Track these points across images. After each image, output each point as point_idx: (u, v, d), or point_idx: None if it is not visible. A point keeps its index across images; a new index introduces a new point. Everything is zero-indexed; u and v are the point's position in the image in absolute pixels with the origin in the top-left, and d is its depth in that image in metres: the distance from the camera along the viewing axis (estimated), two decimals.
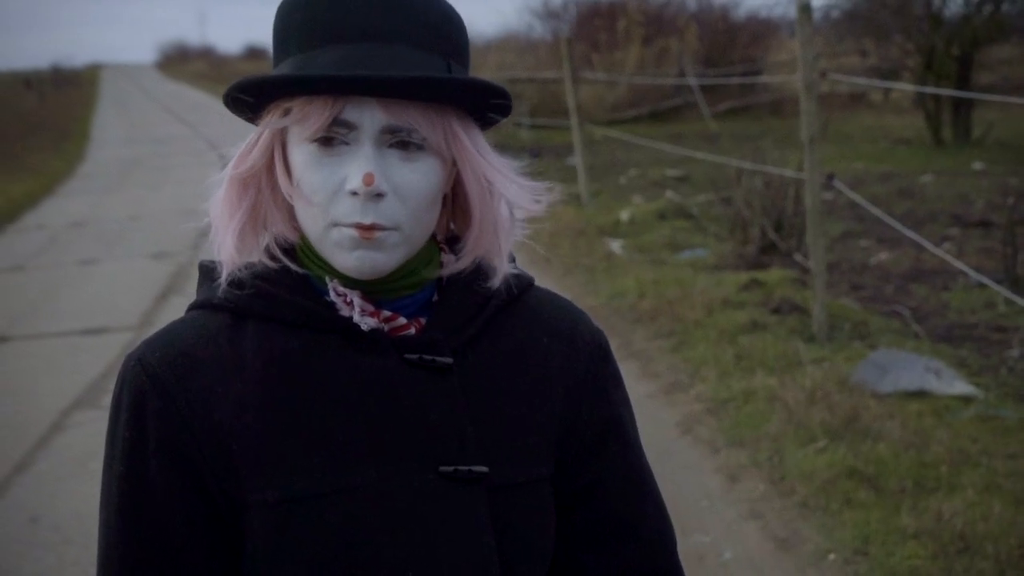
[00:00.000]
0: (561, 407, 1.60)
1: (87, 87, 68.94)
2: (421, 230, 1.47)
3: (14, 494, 6.12)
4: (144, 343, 1.57)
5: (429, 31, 1.45)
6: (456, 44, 1.49)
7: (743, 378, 6.62)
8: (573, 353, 1.63)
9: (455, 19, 1.49)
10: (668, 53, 26.67)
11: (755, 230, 10.27)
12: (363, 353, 1.50)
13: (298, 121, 1.44)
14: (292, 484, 1.46)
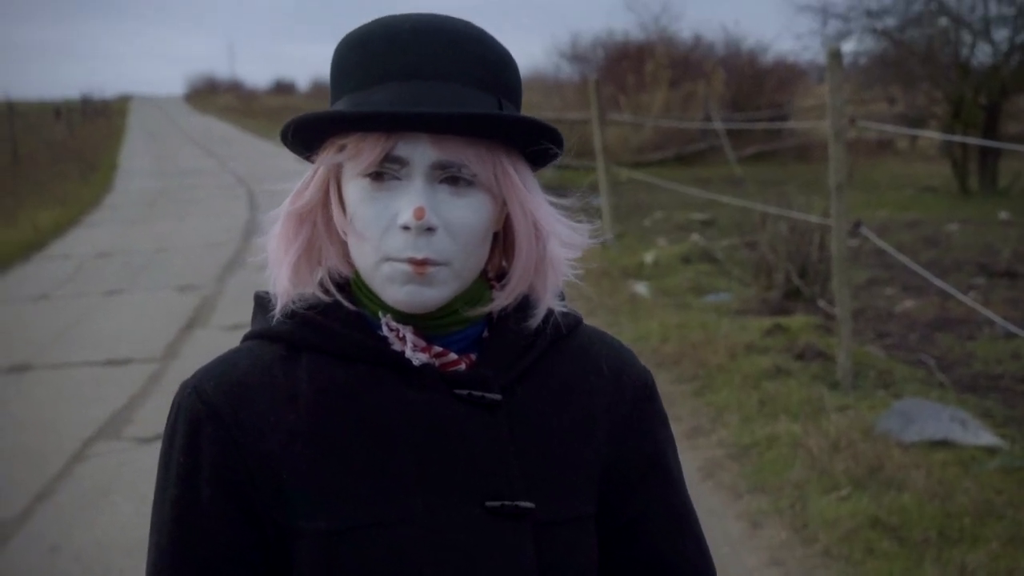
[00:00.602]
0: (605, 445, 1.62)
1: (116, 118, 69.36)
2: (471, 266, 1.50)
3: (35, 523, 6.13)
4: (200, 371, 1.61)
5: (481, 70, 1.48)
6: (508, 84, 1.52)
7: (766, 424, 6.60)
8: (618, 391, 1.65)
9: (508, 60, 1.53)
10: (695, 97, 26.74)
11: (779, 275, 10.25)
12: (414, 387, 1.52)
13: (352, 157, 1.48)
14: (340, 514, 1.49)
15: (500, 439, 1.53)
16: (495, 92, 1.49)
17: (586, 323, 1.71)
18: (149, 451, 7.17)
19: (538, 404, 1.59)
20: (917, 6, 20.40)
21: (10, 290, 13.61)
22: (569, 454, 1.59)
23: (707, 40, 31.07)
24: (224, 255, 15.13)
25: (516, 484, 1.52)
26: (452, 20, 1.51)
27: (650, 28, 31.01)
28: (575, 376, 1.63)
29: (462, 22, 1.51)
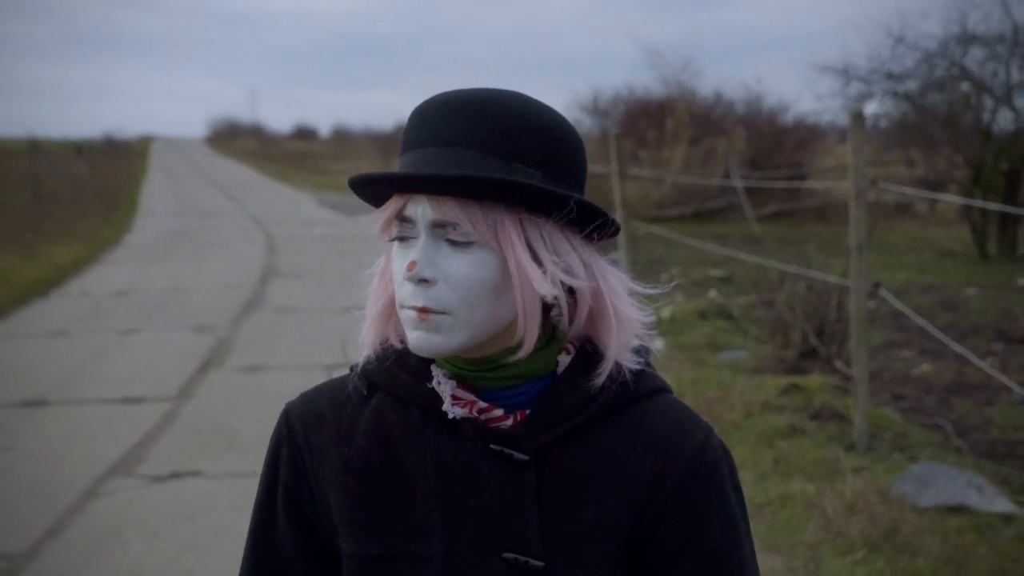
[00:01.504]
0: (642, 517, 1.62)
1: (137, 158, 69.76)
2: (480, 317, 1.55)
3: (44, 559, 6.11)
4: (301, 394, 1.82)
5: (492, 135, 1.53)
6: (525, 148, 1.55)
7: (781, 483, 6.56)
8: (668, 466, 1.63)
9: (530, 126, 1.56)
10: (714, 154, 26.76)
11: (796, 334, 10.23)
12: (455, 438, 1.63)
13: (377, 217, 1.62)
14: (370, 543, 1.65)
15: (524, 496, 1.59)
16: (504, 156, 1.54)
17: (671, 395, 1.72)
18: (161, 490, 7.17)
19: (576, 467, 1.62)
20: (939, 71, 20.45)
21: (28, 325, 13.64)
22: (596, 522, 1.61)
23: (728, 98, 31.14)
24: (241, 297, 15.17)
25: (533, 541, 1.59)
26: (485, 92, 1.57)
27: (671, 84, 31.11)
28: (623, 444, 1.64)
29: (494, 93, 1.57)
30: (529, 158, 1.55)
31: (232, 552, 6.02)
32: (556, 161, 1.57)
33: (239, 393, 9.68)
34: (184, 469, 7.60)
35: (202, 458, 7.83)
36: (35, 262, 19.40)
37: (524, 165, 1.54)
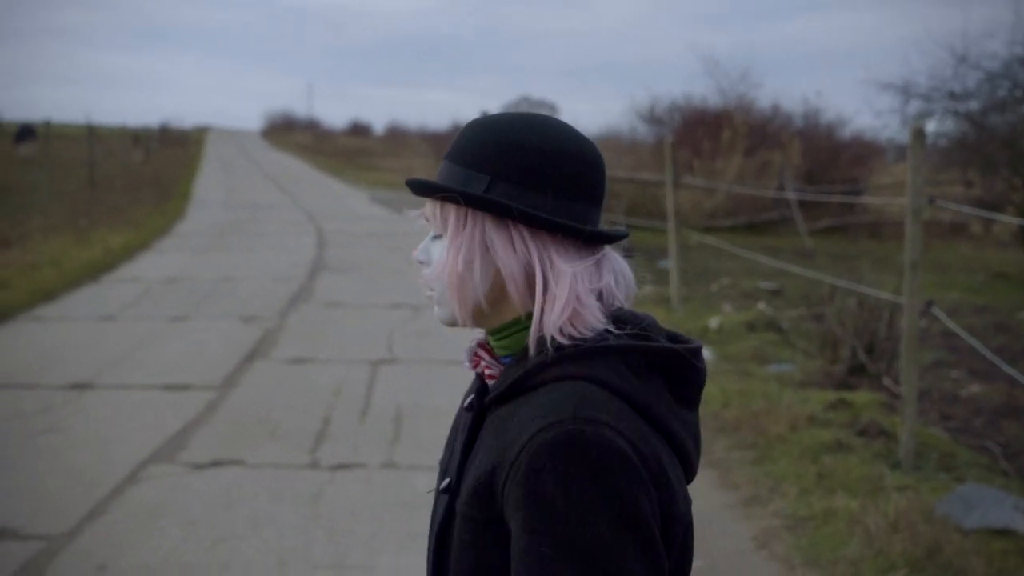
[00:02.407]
0: (493, 490, 1.71)
1: (193, 148, 70.18)
2: (450, 296, 1.82)
3: (83, 541, 6.12)
4: None
5: (464, 149, 1.82)
6: (483, 158, 1.79)
7: (824, 498, 6.49)
8: (507, 453, 1.69)
9: (497, 141, 1.79)
10: (769, 166, 26.61)
11: (845, 350, 10.13)
12: (471, 391, 1.97)
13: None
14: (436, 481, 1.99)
15: (464, 438, 1.87)
16: (465, 165, 1.80)
17: (582, 383, 1.69)
18: (201, 477, 7.18)
19: (492, 425, 1.79)
20: (1001, 91, 20.28)
21: (78, 309, 13.72)
22: (476, 473, 1.75)
23: (785, 110, 30.96)
24: (289, 289, 15.21)
25: (453, 472, 1.86)
26: (502, 116, 1.84)
27: (729, 95, 30.99)
28: (514, 417, 1.74)
29: (499, 116, 1.83)
30: (483, 166, 1.78)
31: (269, 542, 6.02)
32: (509, 167, 1.76)
33: (283, 384, 9.69)
34: (225, 458, 7.61)
35: (243, 447, 7.84)
36: (88, 247, 19.55)
37: (477, 171, 1.78)
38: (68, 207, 26.41)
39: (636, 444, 1.62)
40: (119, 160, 44.92)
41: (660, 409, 1.70)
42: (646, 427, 1.67)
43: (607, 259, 1.80)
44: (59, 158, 37.03)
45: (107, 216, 25.05)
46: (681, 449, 1.74)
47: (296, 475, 7.26)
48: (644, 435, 1.65)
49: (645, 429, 1.66)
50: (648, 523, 1.60)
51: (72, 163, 37.70)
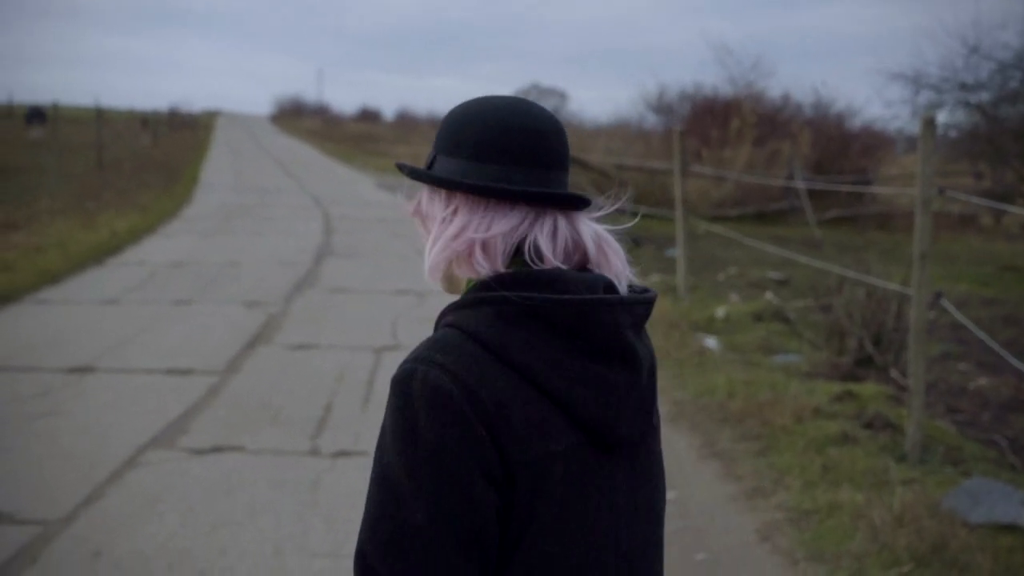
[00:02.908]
0: None
1: (202, 132, 70.13)
2: (428, 261, 1.91)
3: (79, 527, 6.06)
4: None
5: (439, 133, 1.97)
6: (438, 138, 1.97)
7: (828, 490, 6.41)
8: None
9: (455, 123, 1.94)
10: (779, 156, 26.49)
11: (852, 341, 10.05)
12: None
13: None
14: None
15: None
16: (434, 147, 1.96)
17: (452, 330, 1.83)
18: (201, 463, 7.12)
19: None
20: (1013, 82, 20.14)
21: (82, 292, 13.66)
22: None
23: (795, 100, 30.83)
24: (295, 275, 15.14)
25: None
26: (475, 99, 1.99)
27: (739, 83, 30.85)
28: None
29: (475, 101, 1.96)
30: (434, 144, 1.97)
31: (266, 530, 5.96)
32: (441, 140, 1.95)
33: (286, 370, 9.63)
34: (225, 443, 7.55)
35: (244, 433, 7.78)
36: (94, 230, 19.50)
37: (433, 151, 1.96)
38: (75, 190, 26.38)
39: (471, 386, 1.72)
40: (127, 143, 44.87)
41: (526, 356, 1.74)
42: (501, 372, 1.74)
43: (543, 220, 1.86)
44: (67, 141, 37.05)
45: (114, 199, 25.00)
46: (561, 397, 1.76)
47: (296, 462, 7.19)
48: (489, 379, 1.73)
49: (496, 374, 1.74)
50: (445, 459, 1.71)
51: (80, 146, 37.67)
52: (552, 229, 1.86)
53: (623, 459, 1.87)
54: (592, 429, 1.79)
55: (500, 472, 1.73)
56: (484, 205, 1.85)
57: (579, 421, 1.78)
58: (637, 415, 1.85)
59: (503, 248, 1.84)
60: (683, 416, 8.33)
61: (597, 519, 1.83)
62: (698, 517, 6.31)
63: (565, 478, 1.78)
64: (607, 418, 1.80)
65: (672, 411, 8.50)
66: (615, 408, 1.81)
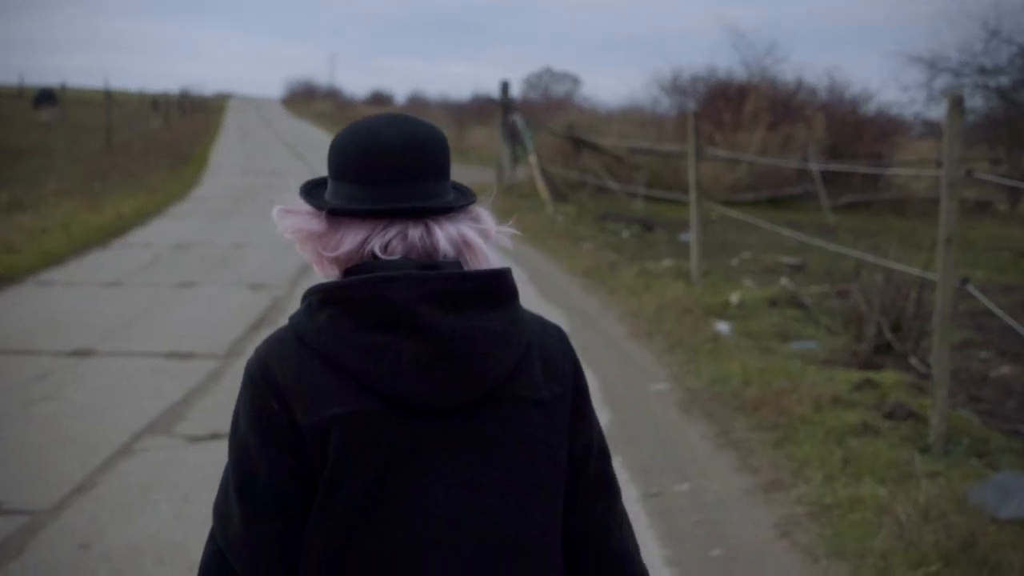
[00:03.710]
0: None
1: (213, 115, 69.91)
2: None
3: (69, 517, 5.83)
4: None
5: None
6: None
7: (850, 484, 6.13)
8: None
9: (330, 147, 2.21)
10: (792, 140, 26.18)
11: (871, 328, 9.77)
12: None
13: None
14: None
15: None
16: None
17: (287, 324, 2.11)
18: (197, 451, 6.89)
19: None
20: None
21: (85, 274, 13.46)
22: None
23: (810, 84, 30.47)
24: (301, 258, 14.79)
25: None
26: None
27: (753, 67, 30.52)
28: None
29: (350, 125, 2.20)
30: None
31: None
32: (328, 163, 2.18)
33: None
34: (224, 431, 7.24)
35: None
36: (99, 211, 19.29)
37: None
38: (84, 172, 26.17)
39: (270, 366, 2.00)
40: (137, 126, 44.63)
41: (321, 336, 1.96)
42: (300, 353, 1.98)
43: (389, 229, 2.04)
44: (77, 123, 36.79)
45: (122, 181, 24.80)
46: (350, 368, 1.95)
47: None
48: (288, 359, 1.98)
49: (294, 355, 1.98)
50: (243, 428, 2.01)
51: (90, 128, 37.40)
52: (399, 235, 2.03)
53: (453, 427, 1.98)
54: (387, 396, 1.94)
55: (292, 437, 1.95)
56: (339, 222, 2.07)
57: (370, 389, 1.94)
58: (451, 384, 1.95)
59: (355, 259, 2.06)
60: (697, 404, 8.06)
61: (407, 481, 1.96)
62: (713, 511, 6.05)
63: (359, 439, 1.94)
64: (399, 386, 1.94)
65: (685, 399, 8.23)
66: (410, 376, 1.93)
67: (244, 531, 1.99)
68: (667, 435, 7.46)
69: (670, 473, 6.65)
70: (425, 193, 2.05)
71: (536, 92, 62.74)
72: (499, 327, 2.00)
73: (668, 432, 7.53)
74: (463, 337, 1.95)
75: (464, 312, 1.97)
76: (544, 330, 2.14)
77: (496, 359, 1.99)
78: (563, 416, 2.09)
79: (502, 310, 2.02)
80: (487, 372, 1.98)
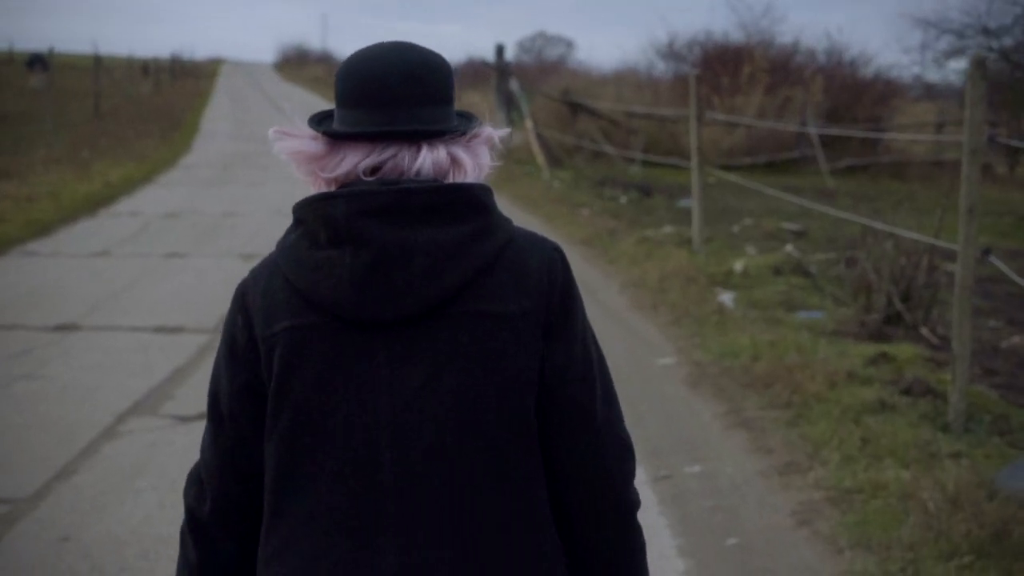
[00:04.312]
0: None
1: (205, 80, 69.32)
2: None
3: (48, 507, 5.52)
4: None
5: None
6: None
7: (870, 467, 5.81)
8: None
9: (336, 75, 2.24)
10: (791, 103, 25.84)
11: (880, 297, 9.47)
12: None
13: None
14: None
15: None
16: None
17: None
18: (186, 432, 6.59)
19: None
20: None
21: (72, 244, 13.14)
22: None
23: (808, 46, 30.10)
24: None
25: None
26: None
27: (751, 29, 30.12)
28: None
29: (350, 55, 2.24)
30: None
31: None
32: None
33: None
34: None
35: None
36: (88, 179, 18.94)
37: None
38: (72, 139, 25.77)
39: (248, 286, 2.11)
40: (127, 91, 44.15)
41: (282, 255, 2.05)
42: (270, 272, 2.07)
43: (385, 150, 2.07)
44: (66, 89, 36.34)
45: (111, 148, 24.42)
46: (299, 284, 2.01)
47: None
48: (261, 278, 2.09)
49: (267, 273, 2.08)
50: (224, 340, 2.14)
51: (79, 94, 36.94)
52: (392, 158, 2.06)
53: (398, 341, 2.00)
54: (328, 309, 1.99)
55: (250, 352, 2.05)
56: (338, 145, 2.10)
57: (315, 303, 2.00)
58: (388, 297, 1.97)
59: (352, 176, 2.07)
60: (705, 380, 7.75)
61: (349, 395, 2.00)
62: (728, 496, 5.74)
63: (300, 351, 2.00)
64: (338, 298, 1.98)
65: (693, 373, 7.92)
66: (348, 289, 1.97)
67: (208, 439, 2.14)
68: (675, 413, 7.14)
69: (680, 454, 6.35)
70: (423, 118, 2.07)
71: (530, 56, 62.32)
72: (450, 240, 1.99)
73: (676, 410, 7.21)
74: (402, 250, 1.97)
75: (409, 226, 1.98)
76: (532, 245, 2.10)
77: (440, 272, 1.98)
78: (532, 332, 2.04)
79: (459, 224, 2.01)
80: (428, 285, 1.97)
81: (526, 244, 2.09)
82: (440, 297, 1.98)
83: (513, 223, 2.11)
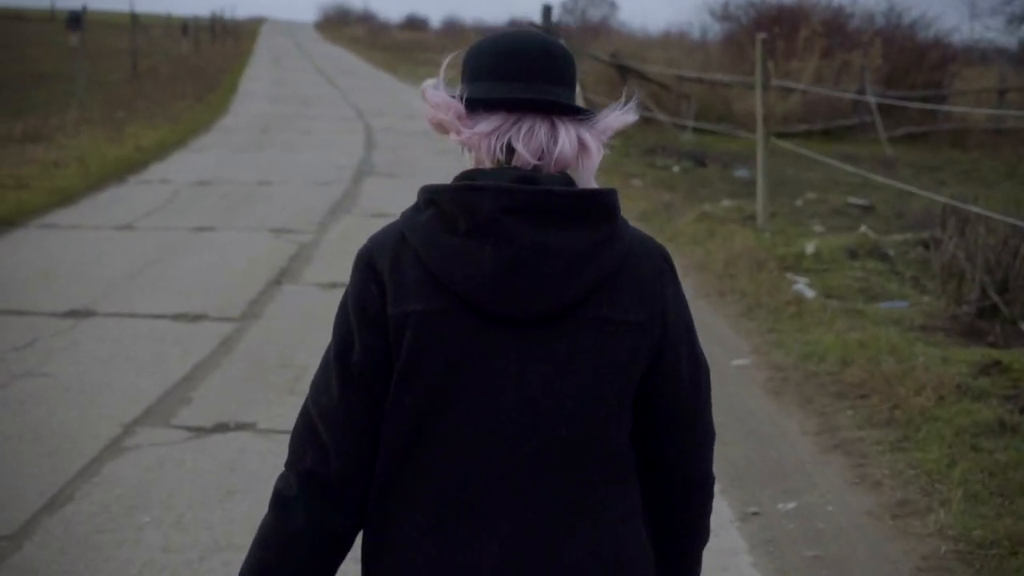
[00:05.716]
0: None
1: (245, 39, 68.64)
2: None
3: (32, 547, 4.67)
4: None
5: None
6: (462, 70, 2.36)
7: (1003, 510, 4.88)
8: None
9: (465, 56, 2.28)
10: (849, 68, 24.85)
11: (972, 287, 8.55)
12: None
13: None
14: None
15: None
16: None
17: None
18: (199, 448, 5.79)
19: None
20: None
21: (96, 215, 12.36)
22: None
23: (867, 8, 29.09)
24: (331, 197, 13.72)
25: None
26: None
27: None
28: None
29: (482, 39, 2.30)
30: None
31: None
32: (462, 69, 2.23)
33: (313, 315, 8.11)
34: (232, 420, 6.14)
35: (257, 403, 6.41)
36: (120, 143, 18.17)
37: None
38: (107, 99, 25.03)
39: (374, 254, 2.10)
40: (166, 50, 43.43)
41: (416, 235, 2.06)
42: (400, 247, 2.08)
43: (521, 124, 2.09)
44: (103, 47, 35.71)
45: (147, 109, 23.68)
46: (433, 268, 2.03)
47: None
48: (389, 250, 2.09)
49: (394, 247, 2.08)
50: (348, 307, 2.12)
51: (116, 52, 36.23)
52: (529, 131, 2.09)
53: (527, 339, 2.03)
54: (462, 298, 2.02)
55: (382, 321, 2.06)
56: (476, 113, 2.10)
57: (448, 289, 2.02)
58: (523, 295, 2.01)
59: (487, 146, 2.09)
60: (788, 387, 6.83)
61: (477, 384, 2.04)
62: (832, 543, 4.82)
63: (431, 335, 2.03)
64: (474, 289, 2.01)
65: (774, 379, 7.01)
66: (486, 281, 2.00)
67: (339, 398, 2.09)
68: (759, 430, 6.22)
69: (770, 485, 5.44)
70: (559, 95, 2.11)
71: (572, 17, 61.23)
72: (582, 246, 2.03)
73: (760, 425, 6.29)
74: (541, 251, 2.00)
75: (547, 228, 2.01)
76: (647, 252, 2.14)
77: (572, 277, 2.02)
78: (647, 342, 2.10)
79: (591, 229, 2.04)
80: (563, 287, 2.02)
81: (640, 250, 2.12)
82: (573, 299, 2.03)
83: (628, 224, 2.13)
